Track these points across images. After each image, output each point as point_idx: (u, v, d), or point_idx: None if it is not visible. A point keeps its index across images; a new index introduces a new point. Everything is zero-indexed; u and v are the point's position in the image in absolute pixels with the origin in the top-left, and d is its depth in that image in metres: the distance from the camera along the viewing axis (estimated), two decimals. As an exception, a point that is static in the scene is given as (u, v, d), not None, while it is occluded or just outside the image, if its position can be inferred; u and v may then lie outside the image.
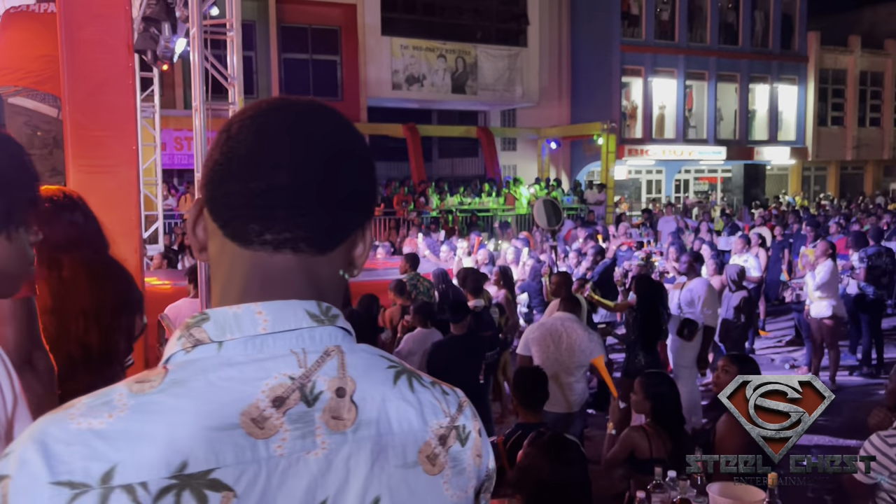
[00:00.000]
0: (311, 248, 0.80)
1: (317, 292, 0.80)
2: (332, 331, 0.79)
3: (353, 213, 0.84)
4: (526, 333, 5.43)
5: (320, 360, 0.76)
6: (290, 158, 0.78)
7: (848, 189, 29.42)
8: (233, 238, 0.79)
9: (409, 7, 21.03)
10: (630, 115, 24.45)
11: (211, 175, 0.80)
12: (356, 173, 0.84)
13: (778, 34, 26.24)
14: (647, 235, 14.43)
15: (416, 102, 22.06)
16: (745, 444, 3.49)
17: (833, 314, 8.28)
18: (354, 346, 0.81)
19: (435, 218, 16.44)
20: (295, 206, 0.78)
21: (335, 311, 0.80)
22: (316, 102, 0.86)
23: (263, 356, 0.75)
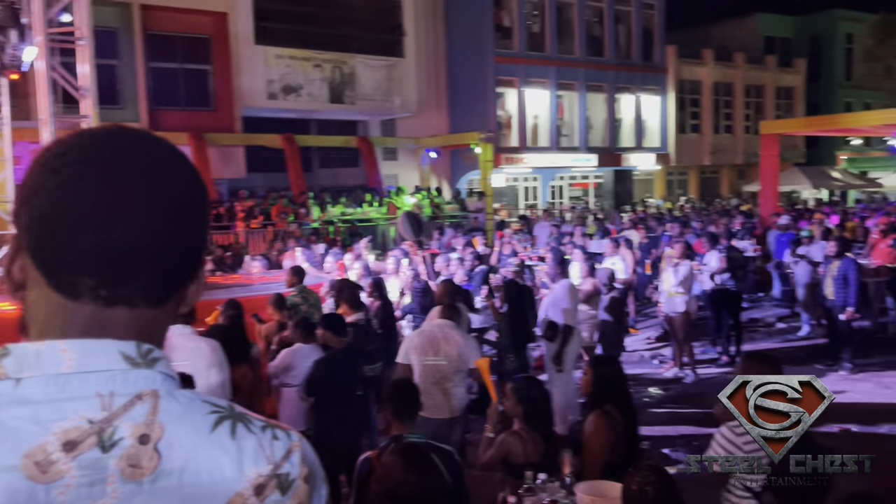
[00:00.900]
0: (147, 302, 0.77)
1: (141, 334, 0.77)
2: (148, 374, 0.75)
3: (191, 264, 0.81)
4: (405, 343, 5.43)
5: (128, 405, 0.72)
6: (129, 212, 0.74)
7: (707, 192, 31.53)
8: (58, 290, 0.74)
9: (283, 16, 20.67)
10: (506, 124, 25.13)
11: (34, 223, 0.74)
12: (196, 222, 0.80)
13: (640, 47, 27.81)
14: (524, 241, 14.85)
15: (293, 112, 21.69)
16: (611, 442, 3.66)
17: (686, 310, 8.85)
18: (175, 391, 0.77)
19: (315, 229, 16.20)
20: (133, 262, 0.74)
21: (157, 354, 0.77)
22: (149, 137, 0.81)
23: (63, 396, 0.71)
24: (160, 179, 0.77)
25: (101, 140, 0.78)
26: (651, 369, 9.71)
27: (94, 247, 0.73)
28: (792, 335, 11.18)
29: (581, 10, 26.09)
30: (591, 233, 15.71)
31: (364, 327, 6.65)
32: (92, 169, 0.74)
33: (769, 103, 32.44)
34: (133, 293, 0.75)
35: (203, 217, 0.82)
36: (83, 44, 4.82)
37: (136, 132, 0.80)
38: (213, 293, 7.69)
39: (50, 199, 0.73)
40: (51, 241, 0.73)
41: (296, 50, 20.61)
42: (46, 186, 0.73)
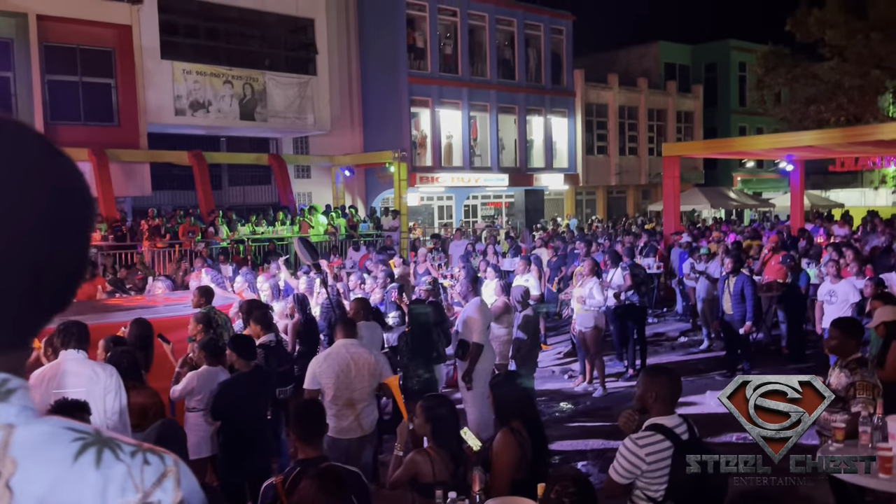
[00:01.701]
0: (18, 347, 0.72)
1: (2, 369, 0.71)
2: (1, 408, 0.70)
3: (66, 298, 0.74)
4: (312, 367, 5.32)
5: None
6: (13, 255, 0.67)
7: (614, 211, 32.66)
8: None
9: (191, 31, 20.21)
10: (420, 143, 25.31)
11: None
12: (74, 245, 0.73)
13: (549, 71, 28.66)
14: (438, 259, 14.94)
15: (202, 129, 21.15)
16: (518, 459, 3.71)
17: (595, 325, 9.11)
18: (32, 420, 0.71)
19: (224, 249, 15.77)
20: (12, 308, 0.69)
21: (13, 384, 0.71)
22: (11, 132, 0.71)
23: None
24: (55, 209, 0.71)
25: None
26: (561, 384, 9.92)
27: None
28: (694, 348, 11.67)
29: (492, 34, 26.68)
30: (505, 251, 15.97)
31: (275, 349, 6.52)
32: None
33: (671, 127, 34.00)
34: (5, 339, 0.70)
35: (84, 236, 0.75)
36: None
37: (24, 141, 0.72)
38: (115, 315, 7.35)
39: None
40: None
41: (204, 66, 20.16)
42: None
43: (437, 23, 25.21)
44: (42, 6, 17.13)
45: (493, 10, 26.57)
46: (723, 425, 6.56)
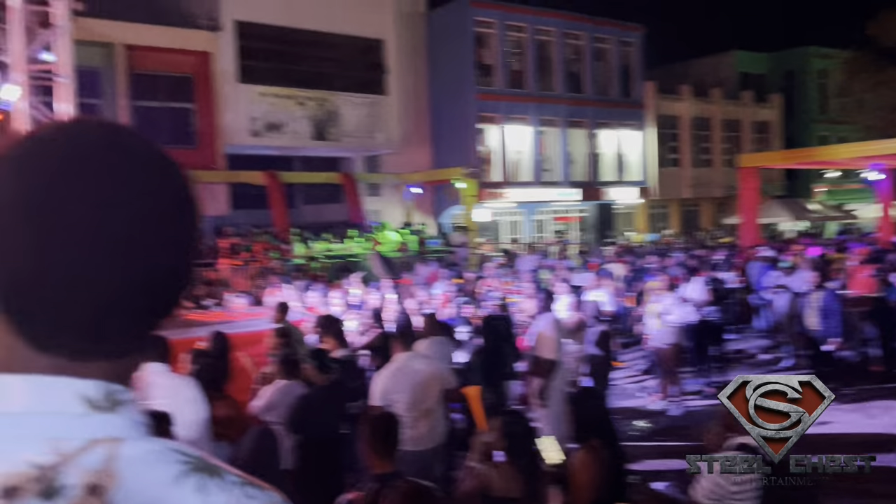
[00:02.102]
0: (118, 354, 0.71)
1: (108, 374, 0.70)
2: (109, 419, 0.68)
3: (174, 303, 0.74)
4: (379, 383, 5.31)
5: (80, 451, 0.65)
6: (124, 264, 0.67)
7: (688, 225, 31.85)
8: (27, 338, 0.67)
9: (266, 55, 20.88)
10: (488, 160, 25.34)
11: (7, 271, 0.66)
12: (181, 253, 0.72)
13: (619, 83, 28.31)
14: (508, 275, 14.86)
15: (276, 149, 21.77)
16: (598, 478, 3.62)
17: (674, 341, 8.85)
18: (140, 437, 0.70)
19: (298, 266, 16.13)
20: (108, 315, 0.68)
21: (123, 396, 0.70)
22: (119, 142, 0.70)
23: (9, 437, 0.64)
24: (163, 220, 0.70)
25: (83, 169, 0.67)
26: (637, 402, 9.66)
27: (80, 306, 0.66)
28: (775, 366, 11.20)
29: (560, 48, 26.56)
30: (576, 266, 15.77)
31: (349, 363, 6.59)
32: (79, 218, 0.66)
33: (746, 137, 33.02)
34: (104, 347, 0.69)
35: (192, 241, 0.74)
36: (64, 81, 4.82)
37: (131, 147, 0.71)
38: (194, 330, 7.59)
39: (25, 249, 0.66)
40: (23, 295, 0.67)
41: (279, 88, 20.77)
42: (20, 234, 0.66)
43: (506, 39, 25.28)
44: (128, 36, 18.04)
45: (562, 24, 26.47)
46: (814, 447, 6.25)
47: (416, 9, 25.02)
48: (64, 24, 4.62)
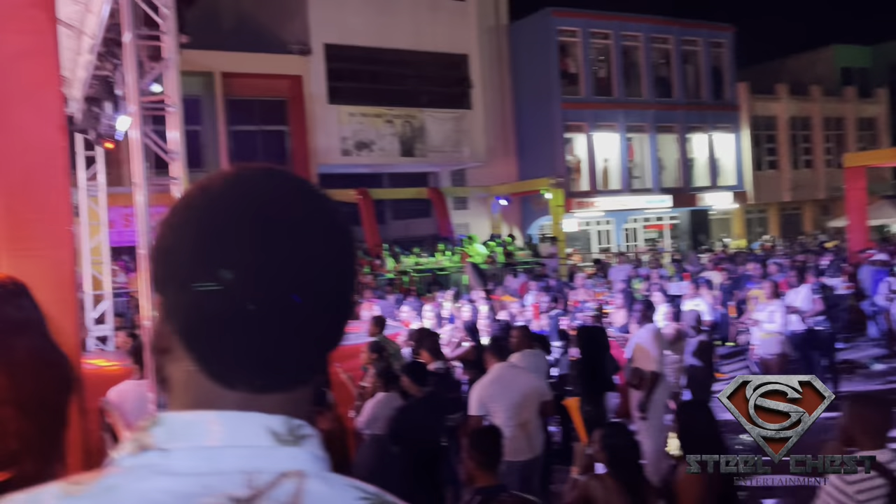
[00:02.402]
0: (302, 383, 0.74)
1: (290, 409, 0.73)
2: (296, 453, 0.70)
3: (345, 329, 0.77)
4: (477, 393, 5.34)
5: (272, 483, 0.68)
6: (297, 297, 0.70)
7: (788, 229, 30.42)
8: (212, 377, 0.71)
9: (354, 76, 21.41)
10: (576, 169, 25.06)
11: (183, 308, 0.71)
12: (353, 283, 0.76)
13: (709, 86, 27.45)
14: (600, 285, 14.62)
15: (366, 167, 22.26)
16: (704, 493, 3.49)
17: (781, 351, 8.45)
18: (323, 473, 0.72)
19: (390, 280, 16.40)
20: (293, 348, 0.71)
21: (306, 431, 0.72)
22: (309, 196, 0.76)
23: (208, 470, 0.67)
24: (330, 252, 0.73)
25: (258, 208, 0.71)
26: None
27: (258, 342, 0.70)
28: (893, 377, 10.52)
29: (647, 53, 26.03)
30: (670, 275, 15.34)
31: (444, 376, 6.63)
32: (257, 254, 0.69)
33: (850, 136, 31.31)
34: (290, 378, 0.73)
35: (355, 275, 0.78)
36: (173, 111, 5.10)
37: (296, 189, 0.76)
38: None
39: (201, 292, 0.69)
40: (206, 334, 0.71)
41: (367, 107, 21.25)
42: (200, 272, 0.69)
43: (590, 46, 25.01)
44: (226, 65, 18.93)
45: (648, 28, 25.96)
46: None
47: (499, 22, 25.11)
48: (172, 56, 4.90)
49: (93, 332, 9.76)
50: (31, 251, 3.32)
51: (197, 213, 0.72)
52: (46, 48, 3.34)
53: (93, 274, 10.00)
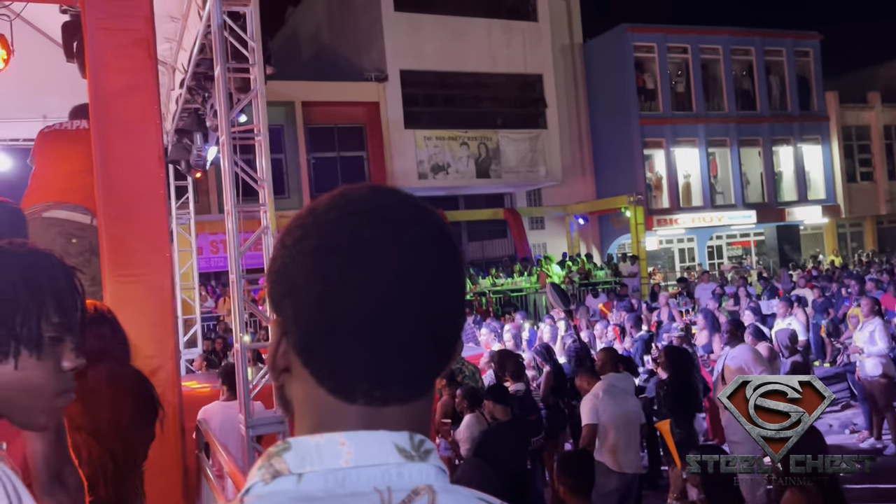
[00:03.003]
0: (421, 395, 0.75)
1: (412, 424, 0.73)
2: (423, 468, 0.71)
3: (458, 339, 0.78)
4: (590, 402, 5.38)
5: (406, 501, 0.68)
6: (409, 309, 0.71)
7: (886, 243, 28.82)
8: (332, 393, 0.72)
9: (429, 100, 21.71)
10: (655, 185, 24.55)
11: (302, 323, 0.72)
12: (458, 295, 0.76)
13: (795, 96, 26.46)
14: (684, 305, 14.20)
15: (442, 190, 22.45)
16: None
17: (883, 372, 7.97)
18: (448, 486, 0.72)
19: (469, 302, 16.40)
20: (411, 359, 0.72)
21: (429, 446, 0.73)
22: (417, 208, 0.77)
23: (344, 492, 0.68)
24: (425, 257, 0.73)
25: (368, 223, 0.72)
26: (842, 439, 8.78)
27: (373, 353, 0.71)
28: None
29: (728, 65, 25.36)
30: (758, 293, 14.76)
31: (524, 398, 6.56)
32: (359, 260, 0.70)
33: (952, 142, 29.55)
34: (408, 390, 0.73)
35: (464, 287, 0.79)
36: (261, 139, 5.28)
37: (403, 204, 0.77)
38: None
39: (320, 301, 0.70)
40: (322, 347, 0.71)
41: (443, 131, 21.49)
42: (315, 288, 0.71)
43: (668, 62, 24.57)
44: (306, 94, 19.55)
45: (728, 40, 25.31)
46: None
47: (574, 40, 25.00)
48: (259, 87, 5.08)
49: (184, 356, 10.14)
50: (135, 277, 3.49)
51: (309, 230, 0.73)
52: (147, 84, 3.55)
53: (183, 298, 10.42)
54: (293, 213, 0.81)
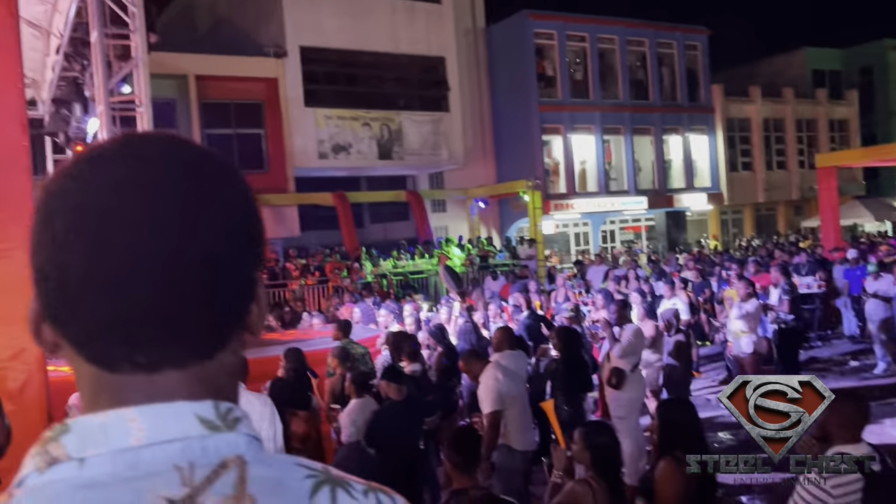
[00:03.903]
0: (199, 357, 0.66)
1: (212, 390, 0.66)
2: (231, 438, 0.64)
3: (244, 294, 0.69)
4: (493, 388, 5.32)
5: (211, 476, 0.62)
6: (154, 258, 0.62)
7: (763, 229, 30.77)
8: (92, 362, 0.64)
9: (331, 79, 21.31)
10: (553, 171, 25.15)
11: (41, 286, 0.63)
12: (244, 242, 0.68)
13: (685, 88, 27.71)
14: (579, 286, 14.64)
15: (344, 170, 22.15)
16: (684, 490, 3.48)
17: (755, 350, 8.51)
18: (262, 455, 0.66)
19: (368, 283, 16.31)
20: (170, 317, 0.63)
21: (237, 413, 0.66)
22: (174, 145, 0.68)
23: (136, 474, 0.60)
24: (199, 207, 0.65)
25: (107, 164, 0.64)
26: (719, 412, 9.33)
27: (117, 312, 0.62)
28: (867, 373, 10.65)
29: (623, 55, 26.22)
30: (647, 275, 15.41)
31: (420, 379, 6.59)
32: (90, 208, 0.62)
33: (822, 137, 31.77)
34: (178, 352, 0.65)
35: (251, 237, 0.69)
36: (143, 111, 5.02)
37: (157, 146, 0.67)
38: (271, 349, 7.74)
39: (50, 259, 0.62)
40: (64, 310, 0.63)
41: (344, 110, 21.16)
42: (43, 241, 0.63)
43: (566, 49, 25.13)
44: (200, 67, 18.75)
45: (623, 31, 26.15)
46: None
47: (476, 24, 25.15)
48: (141, 56, 4.82)
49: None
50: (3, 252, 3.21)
51: (47, 182, 0.65)
52: (6, 45, 3.25)
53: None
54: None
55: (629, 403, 6.66)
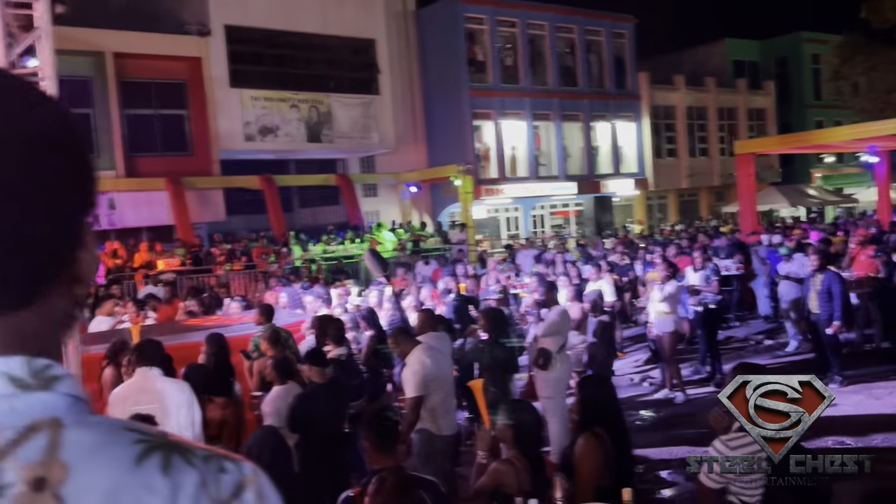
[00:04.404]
0: (9, 302, 0.60)
1: (27, 346, 0.60)
2: (46, 398, 0.59)
3: (65, 246, 0.63)
4: (418, 373, 5.27)
5: (18, 440, 0.56)
6: None
7: (686, 214, 31.77)
8: None
9: (257, 59, 20.79)
10: (484, 156, 25.27)
11: None
12: (61, 186, 0.62)
13: (612, 75, 28.23)
14: (509, 270, 14.79)
15: (271, 153, 21.69)
16: (602, 464, 3.55)
17: (674, 329, 8.78)
18: (85, 418, 0.61)
19: (296, 268, 16.06)
20: None
21: (56, 371, 0.61)
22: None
23: None
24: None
25: None
26: (641, 391, 9.60)
27: None
28: (780, 351, 11.14)
29: (553, 42, 26.49)
30: (575, 259, 15.69)
31: (346, 363, 6.52)
32: None
33: (742, 125, 32.94)
34: None
35: (68, 168, 0.64)
36: (46, 85, 4.74)
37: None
38: (191, 335, 7.54)
39: None
40: None
41: (271, 91, 20.69)
42: None
43: (497, 34, 25.20)
44: (119, 44, 17.96)
45: (553, 18, 26.40)
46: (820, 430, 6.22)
47: (407, 7, 24.93)
48: (45, 26, 4.55)
49: None
50: None
51: None
52: None
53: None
54: (103, 174, 0.65)
55: (556, 383, 6.77)
